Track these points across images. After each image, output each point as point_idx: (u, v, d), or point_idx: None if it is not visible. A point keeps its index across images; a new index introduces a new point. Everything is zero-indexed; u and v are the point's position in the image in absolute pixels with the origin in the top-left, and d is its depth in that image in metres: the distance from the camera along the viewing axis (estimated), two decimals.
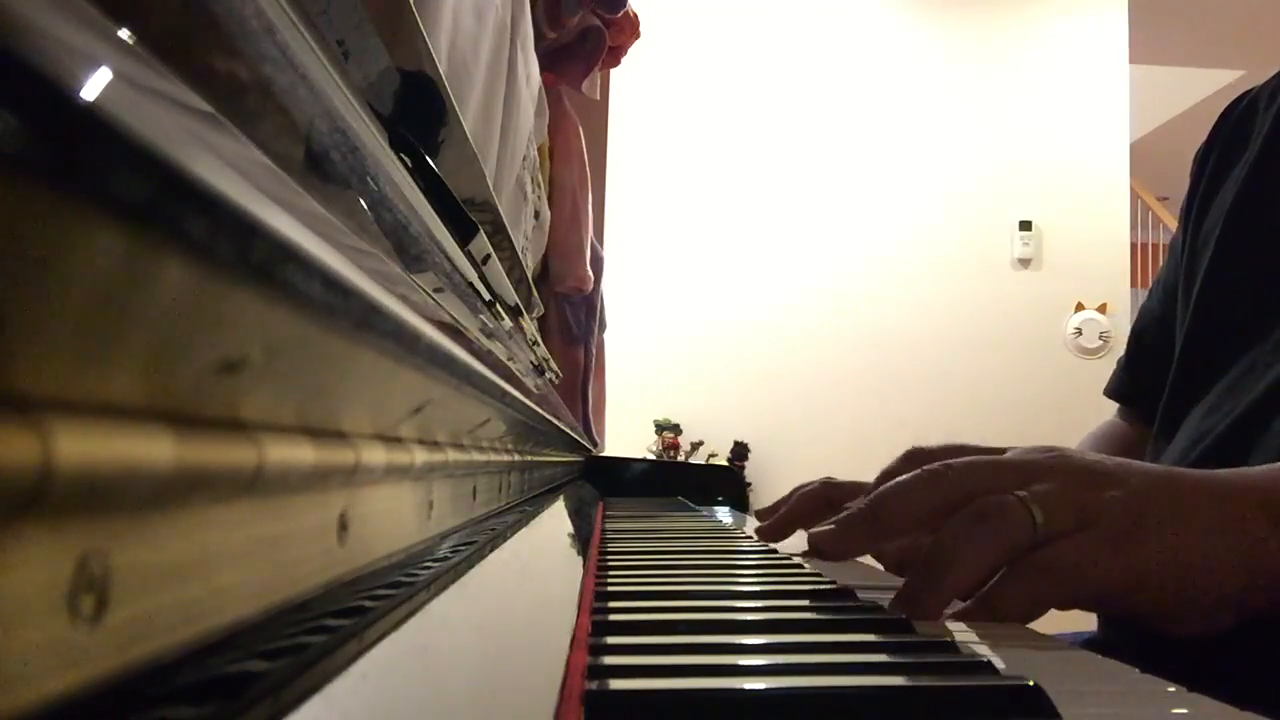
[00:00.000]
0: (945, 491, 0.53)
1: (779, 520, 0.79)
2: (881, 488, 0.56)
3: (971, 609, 0.50)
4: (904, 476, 0.56)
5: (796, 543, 0.74)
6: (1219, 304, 0.81)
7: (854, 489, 0.73)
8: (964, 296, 4.09)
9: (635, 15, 1.75)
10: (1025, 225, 4.12)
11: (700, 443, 3.96)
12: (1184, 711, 0.31)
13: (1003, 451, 0.57)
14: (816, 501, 0.77)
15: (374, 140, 0.32)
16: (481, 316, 0.48)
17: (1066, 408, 3.68)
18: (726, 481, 1.67)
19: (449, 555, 0.35)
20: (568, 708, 0.26)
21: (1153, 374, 0.88)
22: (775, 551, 0.73)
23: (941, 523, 0.52)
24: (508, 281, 0.64)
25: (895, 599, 0.51)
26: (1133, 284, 4.28)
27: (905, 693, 0.30)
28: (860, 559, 0.65)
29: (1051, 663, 0.39)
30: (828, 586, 0.54)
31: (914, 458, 0.60)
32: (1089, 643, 0.75)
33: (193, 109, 0.15)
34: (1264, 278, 0.77)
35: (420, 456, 0.29)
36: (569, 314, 1.77)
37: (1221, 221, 0.82)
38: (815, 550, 0.59)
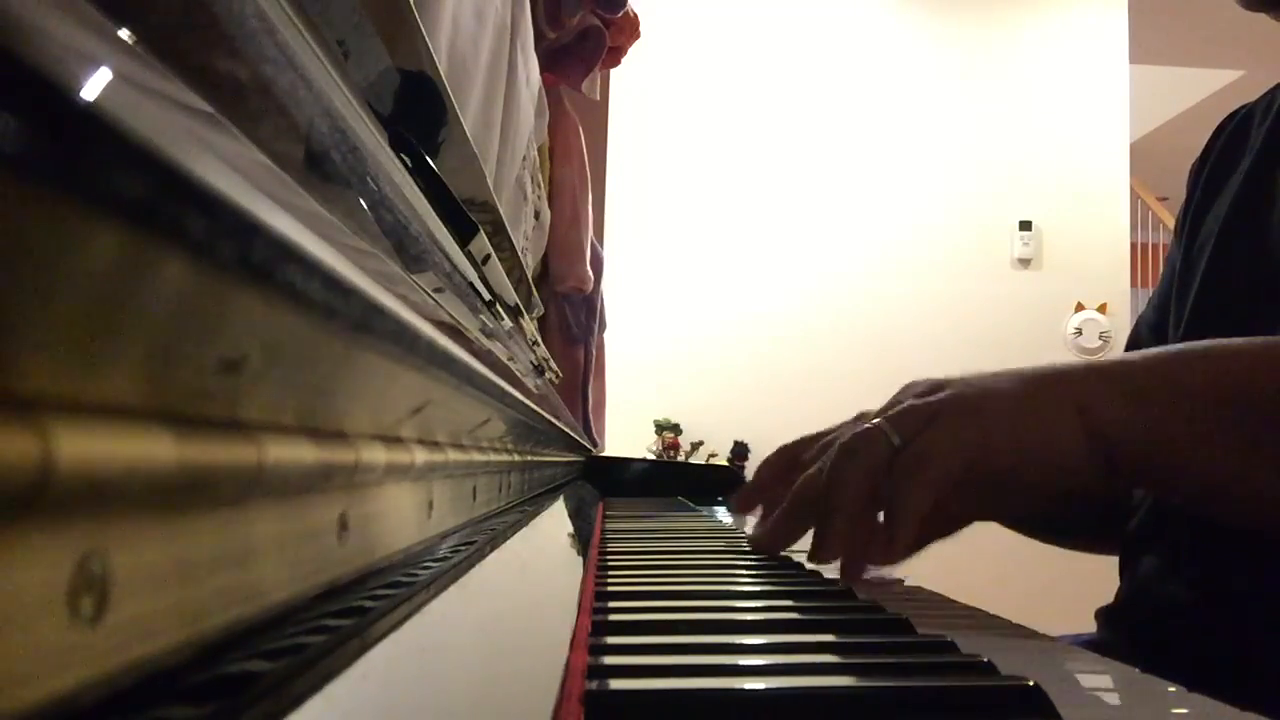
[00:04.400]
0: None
1: (746, 493, 0.86)
2: (794, 487, 0.64)
3: (878, 551, 0.57)
4: (810, 470, 0.63)
5: (799, 543, 0.74)
6: (1212, 315, 0.82)
7: (809, 442, 0.76)
8: (964, 296, 4.09)
9: (635, 15, 1.75)
10: (1025, 225, 4.12)
11: (700, 443, 3.96)
12: (1184, 711, 0.31)
13: None
14: (777, 467, 0.79)
15: (374, 140, 0.32)
16: (481, 316, 0.48)
17: None
18: (726, 481, 1.67)
19: (449, 555, 0.35)
20: (568, 708, 0.26)
21: None
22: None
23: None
24: (508, 281, 0.64)
25: (809, 554, 0.58)
26: (1133, 284, 4.27)
27: (905, 693, 0.30)
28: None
29: (1052, 663, 0.38)
30: (827, 586, 0.54)
31: (863, 418, 0.65)
32: (1089, 643, 0.76)
33: (193, 109, 0.15)
34: (1256, 290, 0.77)
35: (420, 456, 0.29)
36: (569, 314, 1.77)
37: (1215, 234, 0.83)
38: (757, 549, 0.66)
